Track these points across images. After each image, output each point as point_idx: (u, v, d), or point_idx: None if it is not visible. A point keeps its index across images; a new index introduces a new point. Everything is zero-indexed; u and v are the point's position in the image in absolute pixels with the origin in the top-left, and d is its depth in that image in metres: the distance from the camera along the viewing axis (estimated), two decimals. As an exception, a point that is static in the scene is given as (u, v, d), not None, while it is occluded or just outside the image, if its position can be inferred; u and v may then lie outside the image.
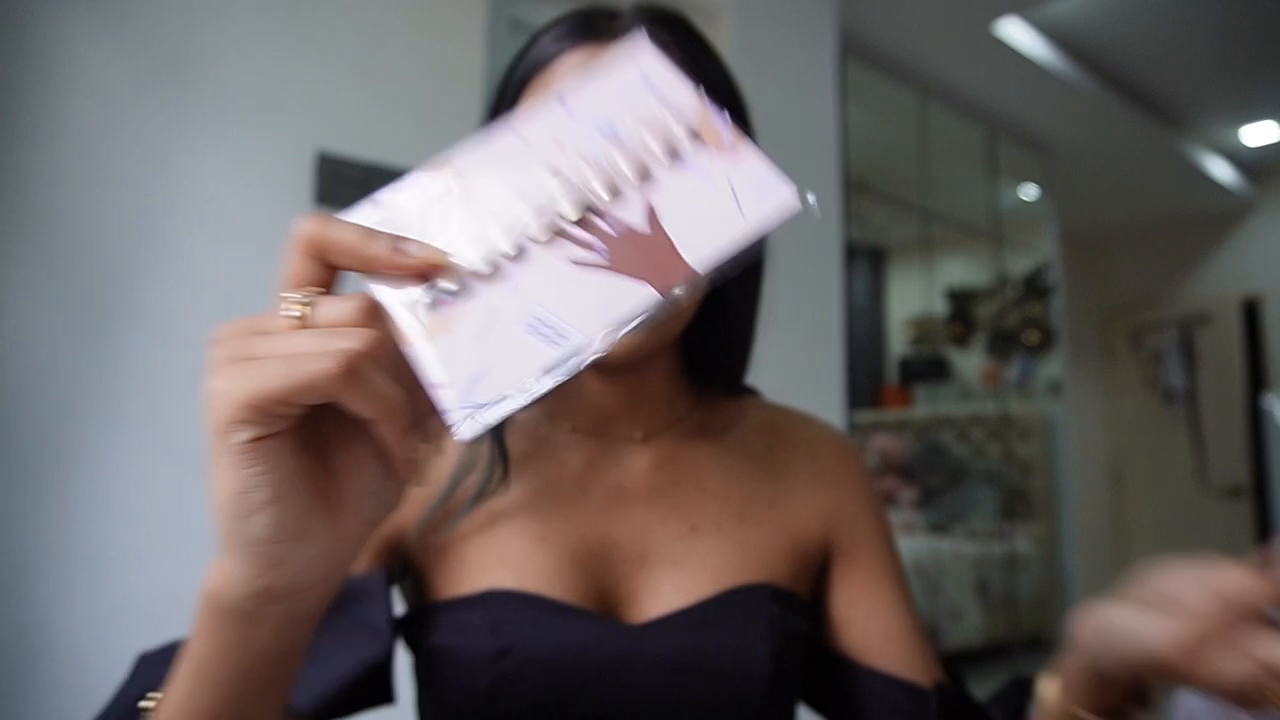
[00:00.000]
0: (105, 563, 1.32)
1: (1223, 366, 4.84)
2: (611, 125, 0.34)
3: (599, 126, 0.34)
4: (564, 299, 0.31)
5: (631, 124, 0.34)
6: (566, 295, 0.31)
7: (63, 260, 1.34)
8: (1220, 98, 3.98)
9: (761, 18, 2.36)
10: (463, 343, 0.30)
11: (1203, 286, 5.10)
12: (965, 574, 3.76)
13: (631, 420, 0.60)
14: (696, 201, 0.33)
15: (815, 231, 2.44)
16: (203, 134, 1.48)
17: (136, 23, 1.43)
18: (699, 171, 0.34)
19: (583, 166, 0.33)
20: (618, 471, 0.59)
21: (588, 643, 0.50)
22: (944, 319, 4.59)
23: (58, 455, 1.31)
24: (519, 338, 0.30)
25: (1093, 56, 3.53)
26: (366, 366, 0.28)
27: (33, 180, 1.33)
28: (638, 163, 0.33)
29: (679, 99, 0.35)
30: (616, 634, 0.51)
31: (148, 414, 1.38)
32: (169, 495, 1.39)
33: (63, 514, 1.30)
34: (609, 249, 0.32)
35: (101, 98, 1.39)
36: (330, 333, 0.29)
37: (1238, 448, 4.74)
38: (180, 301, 1.43)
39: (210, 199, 1.47)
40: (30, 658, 1.26)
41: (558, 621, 0.51)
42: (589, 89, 0.35)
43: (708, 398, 0.66)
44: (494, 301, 0.31)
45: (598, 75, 0.35)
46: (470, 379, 0.30)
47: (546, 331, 0.31)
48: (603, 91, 0.35)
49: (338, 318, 0.30)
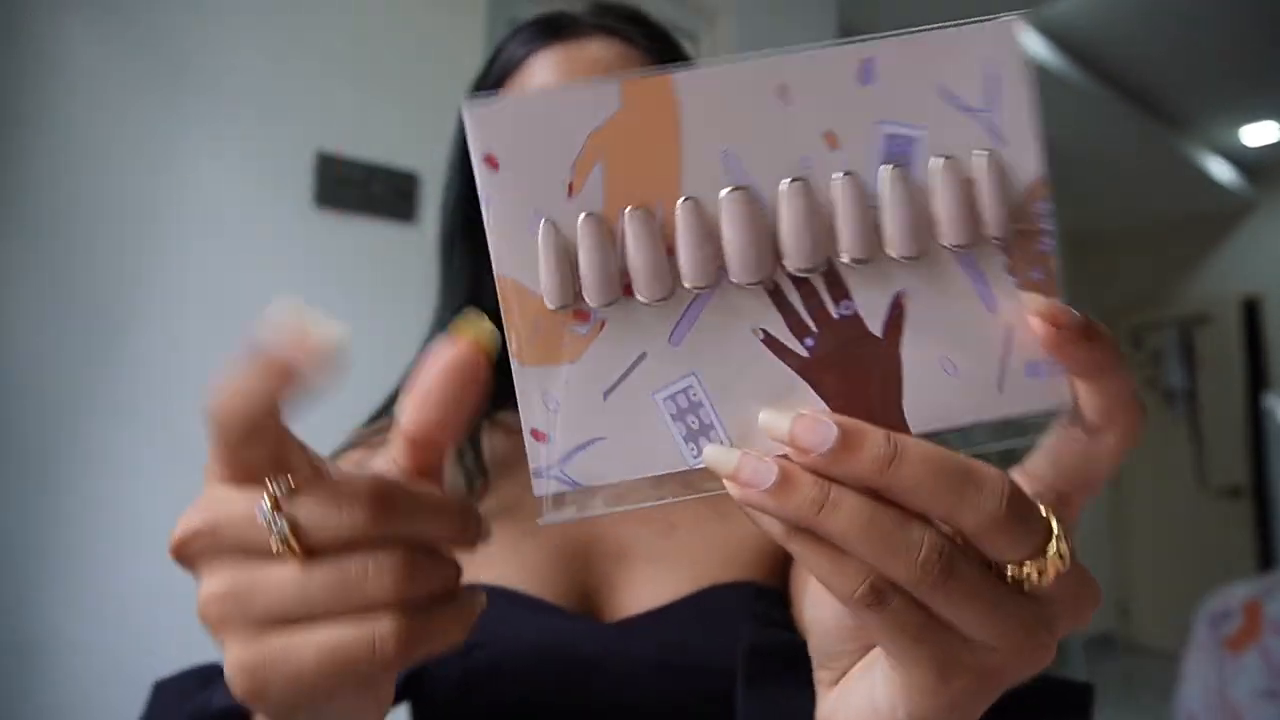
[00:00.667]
0: (105, 563, 1.32)
1: (1223, 367, 4.84)
2: (910, 141, 0.22)
3: (888, 135, 0.22)
4: (733, 387, 0.23)
5: (935, 150, 0.23)
6: (738, 383, 0.23)
7: (62, 260, 1.34)
8: (1220, 98, 3.98)
9: (761, 18, 2.36)
10: (586, 388, 0.22)
11: (1203, 287, 5.10)
12: (965, 574, 3.76)
13: None
14: (958, 331, 0.23)
15: (815, 232, 2.44)
16: (202, 134, 1.47)
17: (136, 23, 1.43)
18: (983, 289, 0.23)
19: (847, 188, 0.22)
20: None
21: (563, 640, 0.50)
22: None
23: (58, 455, 1.31)
24: (654, 411, 0.22)
25: (1093, 57, 3.54)
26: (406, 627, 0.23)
27: (32, 180, 1.33)
28: (918, 224, 0.22)
29: (1023, 156, 0.23)
30: (592, 631, 0.51)
31: (148, 414, 1.38)
32: (169, 495, 1.39)
33: (63, 514, 1.30)
34: (818, 337, 0.23)
35: (101, 98, 1.39)
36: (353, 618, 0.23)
37: (1237, 448, 4.74)
38: (180, 302, 1.43)
39: (210, 199, 1.47)
40: (30, 658, 1.26)
41: (533, 618, 0.51)
42: (909, 65, 0.22)
43: None
44: (646, 344, 0.22)
45: (931, 47, 0.22)
46: (577, 441, 0.22)
47: (689, 417, 0.22)
48: (918, 78, 0.23)
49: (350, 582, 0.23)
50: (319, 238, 1.57)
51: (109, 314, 1.37)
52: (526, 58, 0.54)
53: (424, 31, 1.74)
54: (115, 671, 1.31)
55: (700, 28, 2.27)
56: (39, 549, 1.28)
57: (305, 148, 1.57)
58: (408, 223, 1.67)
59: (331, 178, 1.59)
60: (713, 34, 2.29)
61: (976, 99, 0.23)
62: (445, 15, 1.77)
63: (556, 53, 0.54)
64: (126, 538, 1.34)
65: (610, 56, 0.54)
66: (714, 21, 2.29)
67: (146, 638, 1.35)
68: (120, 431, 1.36)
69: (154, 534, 1.36)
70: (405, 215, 1.67)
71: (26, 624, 1.26)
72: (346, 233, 1.60)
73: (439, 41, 1.75)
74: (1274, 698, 2.07)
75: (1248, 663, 2.15)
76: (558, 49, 0.54)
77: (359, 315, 1.60)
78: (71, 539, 1.31)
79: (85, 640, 1.30)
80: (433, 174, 1.69)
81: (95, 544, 1.32)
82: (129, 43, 1.42)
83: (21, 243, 1.31)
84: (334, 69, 1.62)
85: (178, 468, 1.40)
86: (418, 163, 1.68)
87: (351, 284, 1.60)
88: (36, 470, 1.29)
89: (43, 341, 1.32)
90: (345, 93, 1.63)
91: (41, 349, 1.31)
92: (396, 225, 1.66)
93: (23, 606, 1.27)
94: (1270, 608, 2.19)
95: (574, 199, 0.21)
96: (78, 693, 1.28)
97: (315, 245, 1.57)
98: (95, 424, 1.34)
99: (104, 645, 1.31)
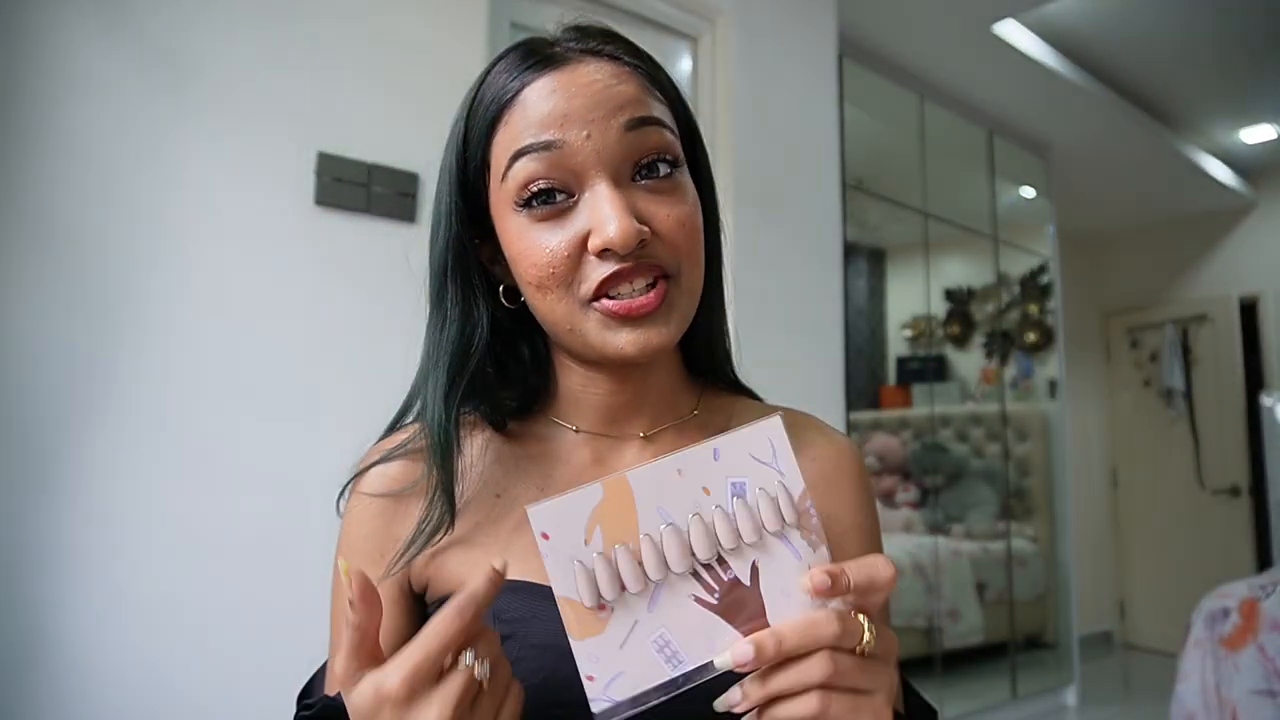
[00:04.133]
0: (105, 563, 1.33)
1: (1221, 366, 4.84)
2: (743, 486, 0.44)
3: (734, 483, 0.44)
4: (684, 629, 0.42)
5: (756, 490, 0.44)
6: (686, 626, 0.42)
7: (63, 260, 1.35)
8: (1219, 98, 3.98)
9: (761, 18, 2.36)
10: (609, 646, 0.41)
11: (1201, 286, 5.10)
12: (964, 573, 3.77)
13: (635, 419, 0.63)
14: (785, 574, 0.43)
15: (815, 232, 2.44)
16: (203, 134, 1.48)
17: (137, 23, 1.43)
18: (791, 549, 0.44)
19: (719, 515, 0.43)
20: (620, 465, 0.61)
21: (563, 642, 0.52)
22: (942, 319, 4.59)
23: (58, 456, 1.31)
24: (648, 652, 0.41)
25: (1092, 57, 3.54)
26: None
27: (32, 181, 1.33)
28: (755, 523, 0.43)
29: (793, 483, 0.44)
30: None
31: (148, 414, 1.38)
32: (169, 495, 1.39)
33: (63, 514, 1.31)
34: (720, 594, 0.43)
35: (102, 99, 1.39)
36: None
37: (1236, 447, 4.75)
38: (181, 302, 1.43)
39: (211, 199, 1.47)
40: (30, 658, 1.26)
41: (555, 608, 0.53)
42: (735, 448, 0.44)
43: (709, 396, 0.68)
44: (636, 615, 0.42)
45: (742, 439, 0.45)
46: (611, 677, 0.40)
47: (668, 653, 0.42)
48: (741, 454, 0.44)
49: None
50: (319, 238, 1.58)
51: (109, 314, 1.37)
52: (521, 90, 0.54)
53: (424, 32, 1.74)
54: (115, 671, 1.32)
55: (700, 28, 2.28)
56: (39, 550, 1.29)
57: (306, 148, 1.57)
58: (408, 223, 1.67)
59: (332, 178, 1.59)
60: (713, 34, 2.29)
61: (767, 457, 0.45)
62: (446, 15, 1.77)
63: (550, 80, 0.54)
64: (127, 538, 1.35)
65: (604, 76, 0.55)
66: (714, 21, 2.29)
67: (147, 638, 1.35)
68: (120, 432, 1.36)
69: (154, 535, 1.37)
70: (405, 215, 1.67)
71: (27, 624, 1.27)
72: (347, 233, 1.61)
73: (440, 42, 1.76)
74: (1271, 696, 2.08)
75: (1245, 661, 2.15)
76: (551, 76, 0.54)
77: (359, 315, 1.60)
78: (72, 539, 1.31)
79: (85, 640, 1.30)
80: (432, 174, 1.69)
81: (95, 544, 1.32)
82: (129, 43, 1.42)
83: (21, 243, 1.32)
84: (335, 69, 1.62)
85: (177, 468, 1.40)
86: (418, 163, 1.68)
87: (351, 284, 1.60)
88: (37, 471, 1.29)
89: (43, 342, 1.32)
90: (346, 93, 1.63)
91: (41, 349, 1.32)
92: (396, 225, 1.66)
93: (23, 607, 1.27)
94: (1267, 606, 2.20)
95: (589, 546, 0.41)
96: (78, 693, 1.28)
97: (315, 245, 1.57)
98: (96, 424, 1.34)
99: (104, 645, 1.31)
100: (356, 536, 0.60)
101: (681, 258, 0.56)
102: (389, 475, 0.61)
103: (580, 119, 0.53)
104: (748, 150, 2.27)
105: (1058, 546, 4.19)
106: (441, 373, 0.59)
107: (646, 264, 0.54)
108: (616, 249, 0.52)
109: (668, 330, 0.55)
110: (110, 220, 1.39)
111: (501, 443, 0.63)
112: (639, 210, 0.54)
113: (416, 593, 0.60)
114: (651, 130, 0.55)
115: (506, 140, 0.55)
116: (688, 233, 0.56)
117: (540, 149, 0.53)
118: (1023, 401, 4.39)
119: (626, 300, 0.53)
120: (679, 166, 0.57)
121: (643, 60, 0.58)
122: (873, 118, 3.47)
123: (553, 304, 0.55)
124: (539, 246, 0.54)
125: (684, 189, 0.57)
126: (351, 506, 0.61)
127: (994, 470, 4.16)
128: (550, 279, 0.54)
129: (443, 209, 0.60)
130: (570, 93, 0.53)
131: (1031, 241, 4.38)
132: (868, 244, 4.63)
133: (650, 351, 0.55)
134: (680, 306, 0.56)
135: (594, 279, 0.53)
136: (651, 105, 0.56)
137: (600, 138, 0.53)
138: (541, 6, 2.00)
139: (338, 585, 0.61)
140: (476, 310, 0.60)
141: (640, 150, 0.54)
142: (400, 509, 0.60)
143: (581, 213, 0.54)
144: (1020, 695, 3.64)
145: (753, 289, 2.17)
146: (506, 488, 0.60)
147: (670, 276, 0.55)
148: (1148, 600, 5.12)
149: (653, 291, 0.54)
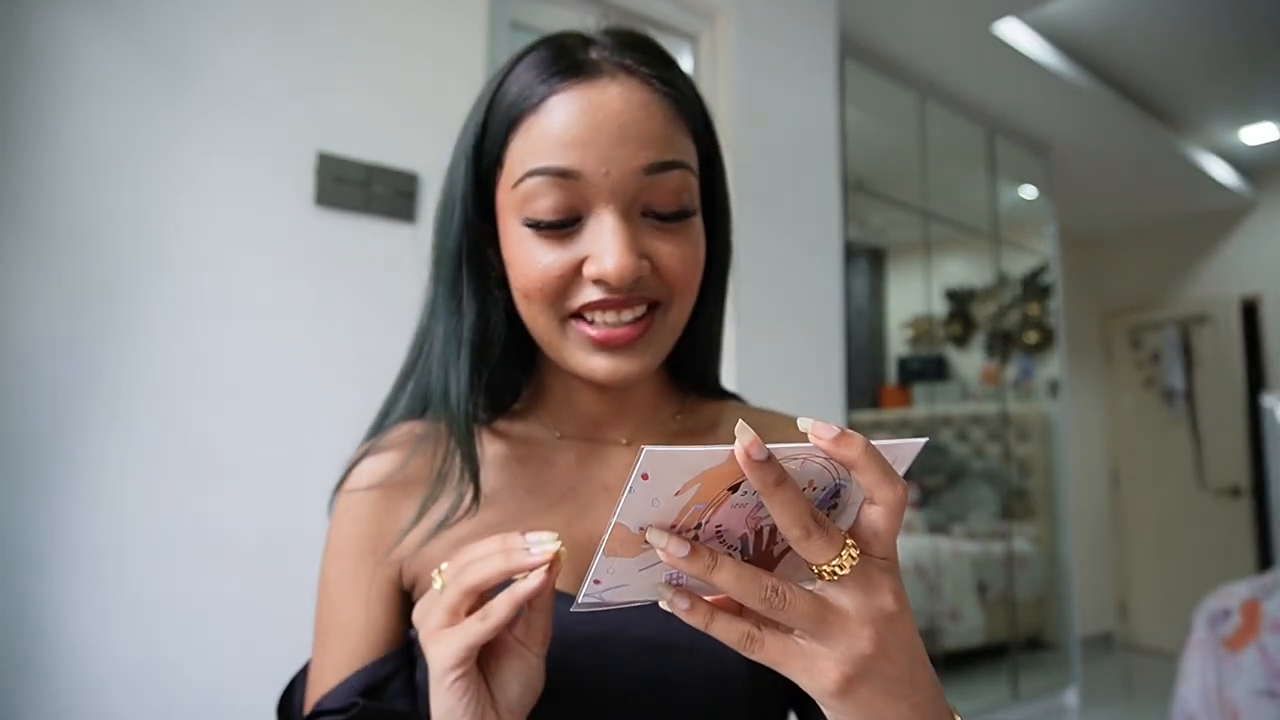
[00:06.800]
0: (105, 563, 1.32)
1: (1222, 367, 4.84)
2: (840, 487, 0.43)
3: (838, 485, 0.42)
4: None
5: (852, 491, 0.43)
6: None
7: (63, 260, 1.35)
8: (1220, 98, 3.98)
9: (761, 18, 2.36)
10: (631, 568, 0.40)
11: (1202, 287, 5.10)
12: (964, 573, 3.77)
13: (618, 426, 0.64)
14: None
15: (815, 231, 2.44)
16: (203, 134, 1.48)
17: (137, 22, 1.43)
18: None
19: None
20: (604, 471, 0.62)
21: (566, 623, 0.52)
22: (943, 319, 4.59)
23: (58, 455, 1.31)
24: (658, 578, 0.41)
25: (1092, 57, 3.54)
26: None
27: (33, 180, 1.33)
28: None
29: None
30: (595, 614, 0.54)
31: (148, 414, 1.38)
32: (169, 495, 1.39)
33: (63, 514, 1.30)
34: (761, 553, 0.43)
35: (102, 98, 1.39)
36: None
37: (1236, 448, 4.74)
38: (181, 302, 1.43)
39: (210, 199, 1.47)
40: (30, 658, 1.26)
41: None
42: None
43: (691, 402, 0.68)
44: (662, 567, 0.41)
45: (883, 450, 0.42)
46: (613, 586, 0.41)
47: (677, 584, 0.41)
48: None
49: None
50: (319, 238, 1.58)
51: (109, 313, 1.37)
52: (547, 97, 0.53)
53: (425, 32, 1.74)
54: (115, 671, 1.32)
55: (700, 27, 2.27)
56: (39, 549, 1.29)
57: (306, 148, 1.57)
58: (408, 223, 1.67)
59: (332, 178, 1.59)
60: (713, 33, 2.29)
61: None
62: (446, 16, 1.77)
63: (578, 97, 0.52)
64: (126, 538, 1.34)
65: (633, 106, 0.53)
66: (714, 21, 2.29)
67: (146, 637, 1.35)
68: (120, 431, 1.36)
69: (154, 534, 1.37)
70: (405, 215, 1.67)
71: (27, 625, 1.27)
72: (347, 233, 1.61)
73: (440, 42, 1.75)
74: (1272, 697, 2.07)
75: (1246, 662, 2.15)
76: (579, 92, 0.52)
77: (359, 315, 1.60)
78: (72, 539, 1.31)
79: (85, 640, 1.30)
80: (433, 174, 1.69)
81: (95, 544, 1.32)
82: (129, 43, 1.42)
83: (21, 243, 1.31)
84: (334, 69, 1.62)
85: (178, 468, 1.40)
86: (418, 163, 1.68)
87: (351, 284, 1.60)
88: (37, 471, 1.29)
89: (42, 342, 1.32)
90: (346, 93, 1.63)
91: (41, 349, 1.32)
92: (396, 225, 1.66)
93: (24, 607, 1.27)
94: (1269, 607, 2.19)
95: (678, 497, 0.37)
96: (79, 693, 1.28)
97: (315, 245, 1.57)
98: (96, 424, 1.34)
99: (104, 645, 1.31)
100: (348, 534, 0.60)
101: (675, 291, 0.56)
102: (379, 470, 0.61)
103: (601, 155, 0.52)
104: (748, 150, 2.26)
105: (1059, 547, 4.19)
106: (464, 365, 0.58)
107: (638, 296, 0.54)
108: (611, 283, 0.52)
109: (643, 361, 0.55)
110: (110, 220, 1.39)
111: (489, 441, 0.62)
112: (643, 243, 0.54)
113: (405, 589, 0.60)
114: (671, 175, 0.54)
115: (523, 149, 0.54)
116: (687, 269, 0.55)
117: (556, 175, 0.52)
118: (1023, 402, 4.39)
119: (605, 330, 0.54)
120: (691, 213, 0.56)
121: (674, 81, 0.57)
122: (873, 117, 3.47)
123: (535, 314, 0.55)
124: (534, 260, 0.54)
125: (691, 229, 0.56)
126: (340, 505, 0.61)
127: (995, 470, 4.15)
128: (537, 293, 0.54)
129: (457, 194, 0.58)
130: (596, 120, 0.52)
131: (1032, 241, 4.38)
132: (868, 244, 4.62)
133: (623, 380, 0.55)
134: (660, 338, 0.57)
135: (580, 299, 0.53)
136: (675, 142, 0.55)
137: (619, 176, 0.52)
138: (542, 6, 2.00)
139: (324, 588, 0.61)
140: (492, 300, 0.59)
141: (656, 193, 0.54)
142: (394, 503, 0.60)
143: (585, 237, 0.53)
144: (1021, 696, 3.64)
145: (753, 289, 2.17)
146: (496, 488, 0.60)
147: (660, 304, 0.56)
148: (1149, 601, 5.11)
149: (637, 324, 0.54)
